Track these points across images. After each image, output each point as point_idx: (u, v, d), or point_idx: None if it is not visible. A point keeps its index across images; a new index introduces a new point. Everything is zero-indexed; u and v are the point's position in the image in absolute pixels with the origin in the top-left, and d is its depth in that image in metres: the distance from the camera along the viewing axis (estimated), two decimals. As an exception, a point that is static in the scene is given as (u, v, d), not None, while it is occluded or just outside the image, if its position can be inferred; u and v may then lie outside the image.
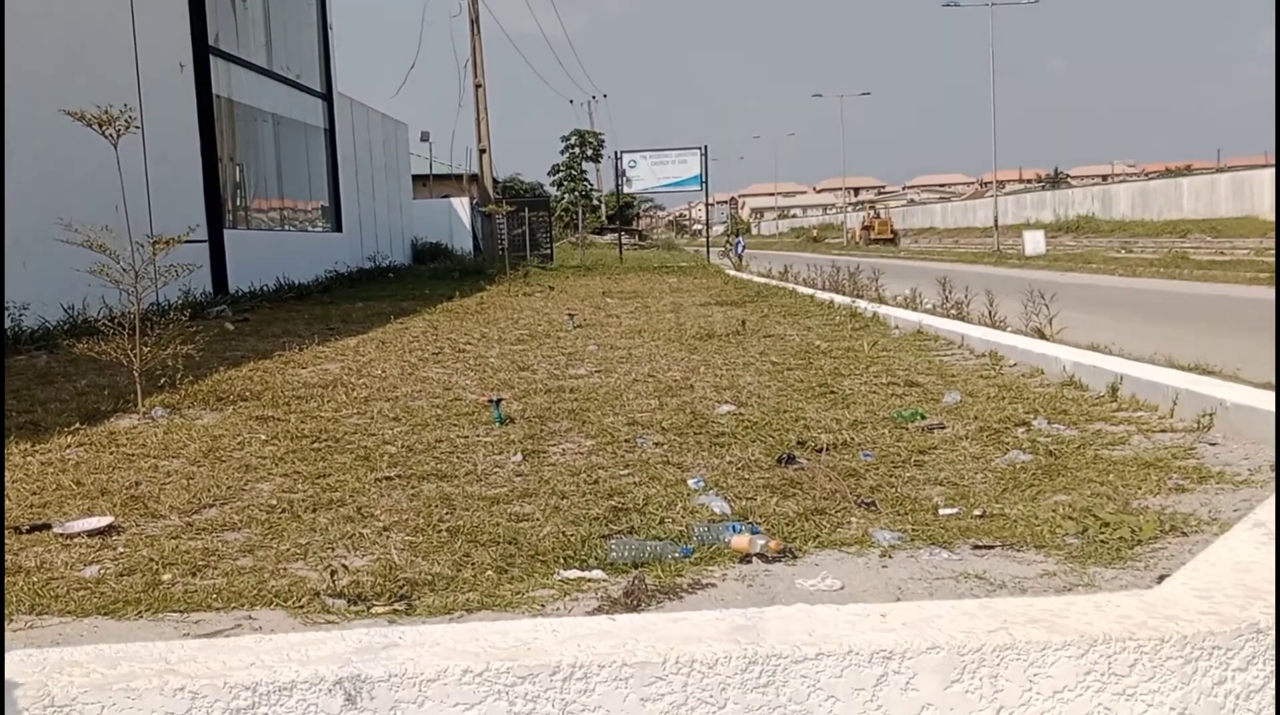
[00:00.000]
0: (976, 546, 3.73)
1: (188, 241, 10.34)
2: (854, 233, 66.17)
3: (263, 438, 5.82)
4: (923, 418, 5.93)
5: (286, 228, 22.63)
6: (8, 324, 11.16)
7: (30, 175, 11.93)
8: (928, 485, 4.63)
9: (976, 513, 4.13)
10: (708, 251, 35.26)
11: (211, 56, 17.42)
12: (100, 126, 6.57)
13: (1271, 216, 33.27)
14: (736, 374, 7.81)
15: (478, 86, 30.28)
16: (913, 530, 3.93)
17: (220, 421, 6.35)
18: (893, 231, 60.79)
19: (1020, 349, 7.93)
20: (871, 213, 67.28)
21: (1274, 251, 25.75)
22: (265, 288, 18.33)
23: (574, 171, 75.72)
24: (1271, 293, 13.46)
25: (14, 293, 11.34)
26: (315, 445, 5.65)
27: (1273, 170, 33.64)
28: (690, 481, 4.67)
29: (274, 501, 4.54)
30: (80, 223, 10.16)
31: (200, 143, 17.01)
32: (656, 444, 5.52)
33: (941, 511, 4.18)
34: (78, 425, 6.22)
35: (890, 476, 4.76)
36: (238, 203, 19.77)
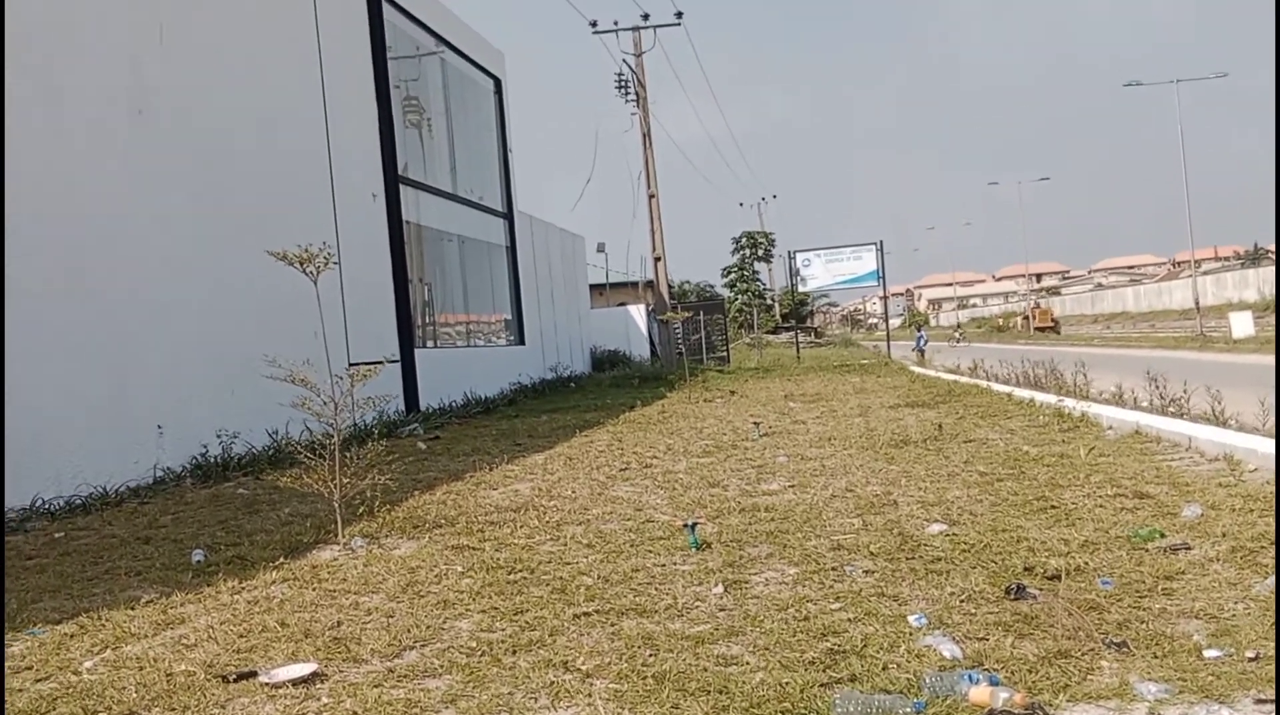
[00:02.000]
0: (1260, 701, 3.24)
1: (386, 362, 10.68)
2: (1018, 322, 71.64)
3: (459, 569, 5.73)
4: (1162, 536, 5.38)
5: (473, 342, 23.25)
6: (218, 451, 11.65)
7: (238, 306, 12.57)
8: (1182, 619, 4.14)
9: (1249, 655, 3.62)
10: (888, 347, 34.46)
11: (401, 185, 18.22)
12: (302, 265, 6.78)
13: None
14: (942, 487, 7.36)
15: (651, 197, 30.76)
16: (1179, 679, 3.46)
17: (417, 551, 6.31)
18: (1053, 320, 65.65)
19: (1261, 452, 7.20)
20: (1033, 304, 74.38)
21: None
22: (454, 403, 18.76)
23: (745, 272, 75.96)
24: None
25: (224, 421, 11.86)
26: (511, 576, 5.53)
27: None
28: (911, 618, 4.29)
29: (473, 643, 4.40)
30: (283, 351, 10.63)
31: (392, 266, 17.70)
32: (866, 572, 5.16)
33: (1206, 653, 3.69)
34: (282, 559, 6.29)
35: (1137, 609, 4.28)
36: (426, 320, 20.44)
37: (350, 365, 14.33)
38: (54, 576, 6.43)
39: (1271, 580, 4.45)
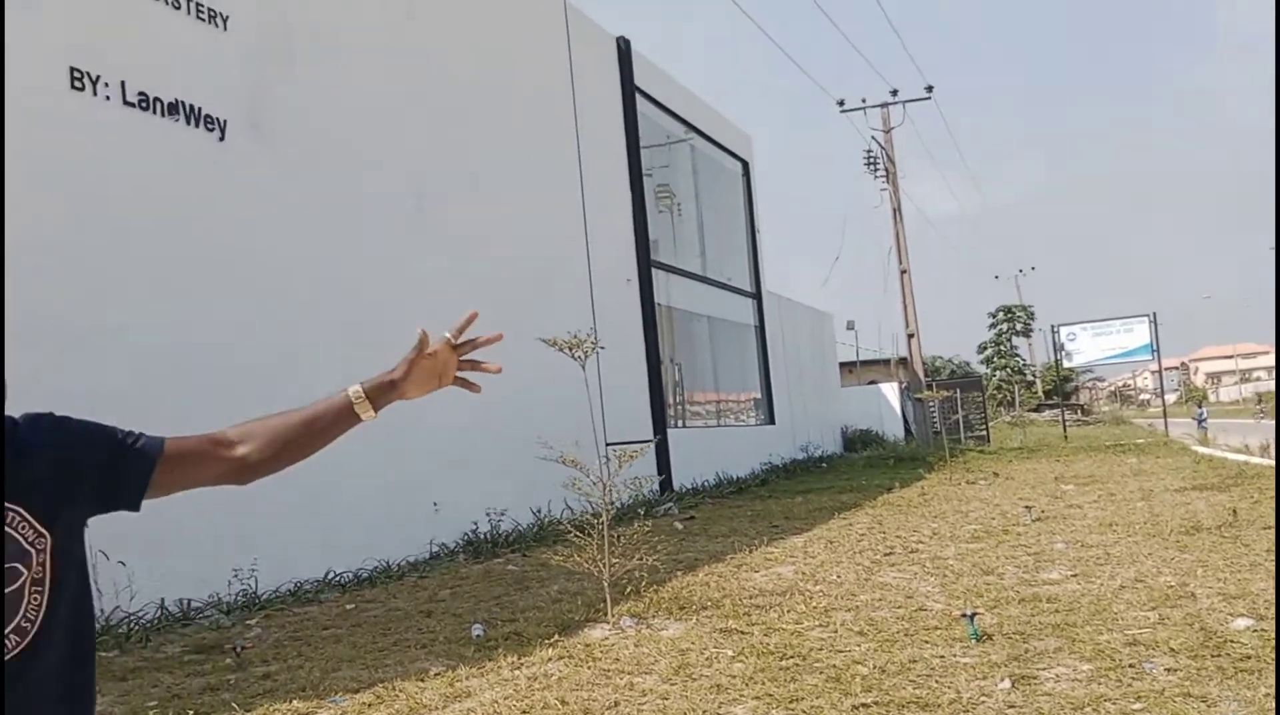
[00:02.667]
0: None
1: (647, 442, 10.92)
2: None
3: (729, 654, 5.71)
4: None
5: (723, 422, 23.40)
6: (487, 528, 12.16)
7: (502, 389, 13.12)
8: None
9: None
10: (1165, 425, 32.19)
11: (653, 269, 18.73)
12: (570, 350, 7.06)
13: None
14: (1244, 578, 6.76)
15: (903, 272, 30.33)
16: None
17: (685, 633, 6.34)
18: None
19: None
20: None
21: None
22: (706, 483, 18.86)
23: (1003, 347, 73.13)
24: None
25: (492, 500, 12.37)
26: (782, 663, 5.45)
27: None
28: (1229, 725, 3.94)
29: (751, 730, 4.36)
30: (544, 432, 11.06)
31: (645, 348, 18.14)
32: (1168, 670, 4.78)
33: None
34: (556, 636, 6.46)
35: None
36: (678, 400, 20.76)
37: (607, 445, 14.73)
38: (348, 646, 6.84)
39: None
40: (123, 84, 8.84)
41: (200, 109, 9.52)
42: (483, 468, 12.62)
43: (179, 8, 9.44)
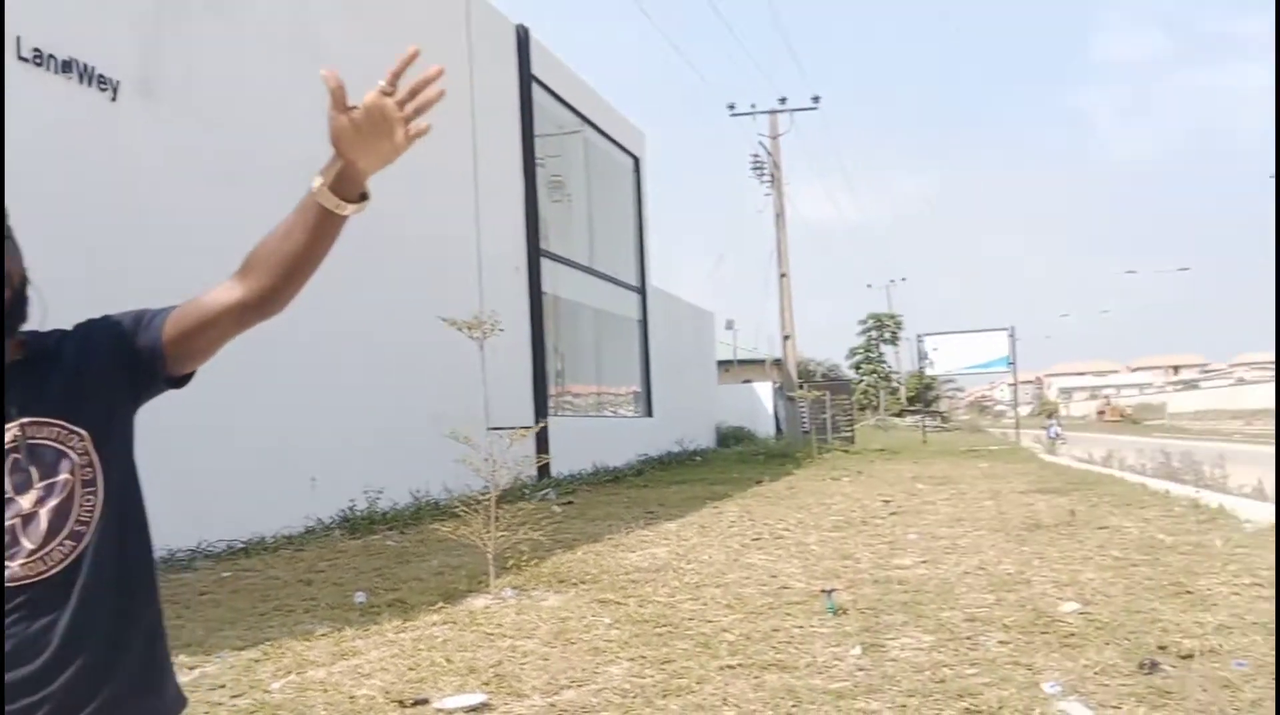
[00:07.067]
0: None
1: (534, 428, 11.21)
2: (1095, 416, 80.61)
3: (606, 621, 6.08)
4: (1301, 624, 5.40)
5: (603, 413, 23.80)
6: (364, 505, 12.27)
7: (387, 369, 13.28)
8: (1319, 702, 4.21)
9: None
10: (1017, 434, 33.88)
11: (542, 258, 18.98)
12: (469, 330, 7.33)
13: None
14: (1076, 569, 7.43)
15: (782, 276, 31.18)
16: (1313, 753, 3.58)
17: (564, 604, 6.69)
18: (1122, 415, 74.26)
19: None
20: (1104, 401, 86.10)
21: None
22: (583, 471, 19.22)
23: (871, 354, 75.34)
24: None
25: (370, 479, 12.46)
26: (656, 630, 5.84)
27: None
28: (1045, 686, 4.47)
29: (626, 685, 4.73)
30: (425, 415, 11.21)
31: (530, 336, 18.39)
32: (1000, 643, 5.33)
33: (1343, 733, 3.79)
34: (440, 604, 6.73)
35: (1271, 689, 4.37)
36: (559, 389, 21.06)
37: (489, 428, 14.94)
38: (229, 610, 6.97)
39: None
40: (18, 39, 8.74)
41: (94, 68, 9.47)
42: (361, 446, 12.71)
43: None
